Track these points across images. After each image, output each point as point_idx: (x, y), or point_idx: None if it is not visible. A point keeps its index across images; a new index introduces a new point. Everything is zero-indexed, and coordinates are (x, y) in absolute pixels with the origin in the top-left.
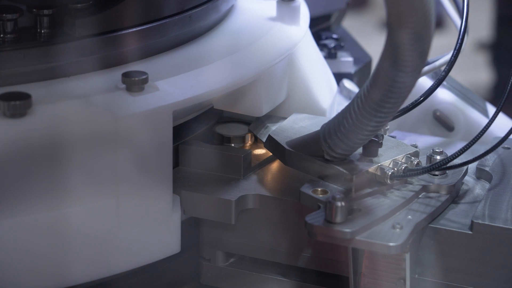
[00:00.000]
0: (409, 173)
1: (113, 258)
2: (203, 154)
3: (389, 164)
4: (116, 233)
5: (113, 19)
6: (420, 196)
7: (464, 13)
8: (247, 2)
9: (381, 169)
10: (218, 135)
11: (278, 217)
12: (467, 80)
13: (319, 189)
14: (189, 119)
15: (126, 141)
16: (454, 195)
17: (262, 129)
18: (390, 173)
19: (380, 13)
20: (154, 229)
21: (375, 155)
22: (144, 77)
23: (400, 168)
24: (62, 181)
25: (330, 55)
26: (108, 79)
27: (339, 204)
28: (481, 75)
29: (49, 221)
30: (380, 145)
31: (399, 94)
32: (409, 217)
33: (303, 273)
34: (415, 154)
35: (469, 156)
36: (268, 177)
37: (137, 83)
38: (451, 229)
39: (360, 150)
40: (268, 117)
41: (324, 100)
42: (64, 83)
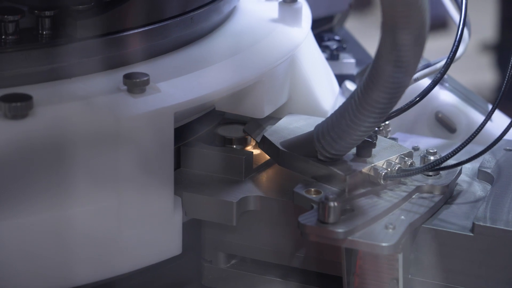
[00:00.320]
0: (403, 174)
1: (114, 259)
2: (205, 155)
3: (383, 164)
4: (117, 234)
5: (115, 21)
6: (413, 196)
7: (462, 14)
8: (249, 3)
9: (375, 169)
10: (219, 137)
11: (279, 219)
12: (470, 81)
13: (313, 189)
14: (190, 120)
15: (127, 142)
16: (447, 196)
17: (257, 130)
18: (383, 173)
19: None
20: (155, 230)
21: (369, 155)
22: (145, 78)
23: (393, 168)
24: (63, 183)
25: (332, 57)
26: (109, 81)
27: (332, 204)
28: (485, 76)
29: (51, 222)
30: (373, 145)
31: (394, 93)
32: (402, 217)
33: (304, 274)
34: (409, 154)
35: (466, 157)
36: (269, 178)
37: (138, 84)
38: (452, 230)
39: (354, 150)
40: (263, 117)
41: (326, 101)
42: (65, 84)
